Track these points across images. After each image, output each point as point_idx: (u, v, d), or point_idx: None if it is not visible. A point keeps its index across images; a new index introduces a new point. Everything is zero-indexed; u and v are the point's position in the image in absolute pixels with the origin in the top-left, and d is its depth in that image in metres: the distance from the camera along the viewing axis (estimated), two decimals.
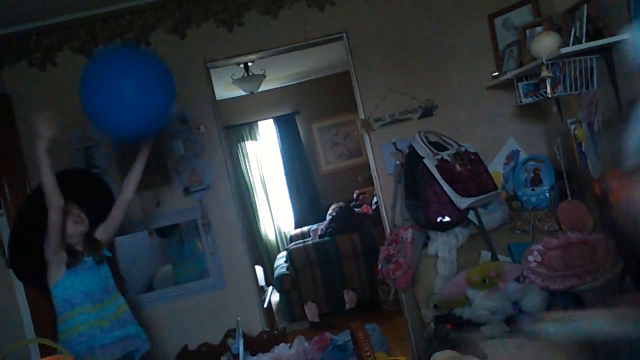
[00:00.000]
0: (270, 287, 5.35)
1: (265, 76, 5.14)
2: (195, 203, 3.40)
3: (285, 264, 5.36)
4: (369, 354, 1.57)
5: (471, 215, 2.88)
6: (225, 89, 5.83)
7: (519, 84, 2.96)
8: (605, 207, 2.62)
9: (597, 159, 2.58)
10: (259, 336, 3.33)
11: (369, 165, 3.60)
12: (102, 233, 2.60)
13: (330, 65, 6.23)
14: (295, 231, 7.04)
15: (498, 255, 2.79)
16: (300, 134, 7.32)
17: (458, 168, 2.80)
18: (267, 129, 7.35)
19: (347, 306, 5.01)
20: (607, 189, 2.55)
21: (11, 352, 2.49)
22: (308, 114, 7.33)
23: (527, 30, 2.95)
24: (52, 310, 2.43)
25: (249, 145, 7.28)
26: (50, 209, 2.25)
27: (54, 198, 2.25)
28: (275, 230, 7.42)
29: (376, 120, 3.43)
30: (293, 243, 6.08)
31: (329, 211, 6.61)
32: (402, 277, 2.89)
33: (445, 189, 2.74)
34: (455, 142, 2.99)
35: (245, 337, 3.08)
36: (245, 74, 4.94)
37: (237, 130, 7.16)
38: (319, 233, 5.79)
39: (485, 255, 2.84)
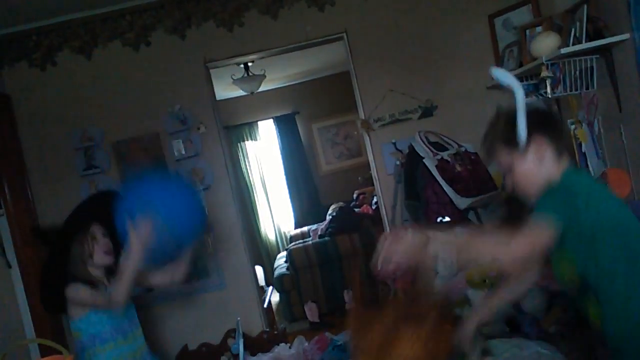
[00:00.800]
0: (270, 287, 5.35)
1: (265, 76, 5.13)
2: None
3: (285, 264, 5.35)
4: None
5: (471, 216, 2.88)
6: (225, 89, 5.82)
7: None
8: None
9: (597, 159, 2.58)
10: (259, 336, 3.33)
11: (369, 165, 3.61)
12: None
13: (330, 65, 6.23)
14: (295, 231, 7.03)
15: None
16: (300, 134, 7.31)
17: (458, 168, 2.80)
18: (267, 129, 7.34)
19: (347, 306, 5.00)
20: None
21: (11, 352, 2.49)
22: (308, 114, 7.32)
23: (527, 30, 2.95)
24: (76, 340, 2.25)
25: (249, 145, 7.28)
26: (113, 293, 2.08)
27: (122, 294, 2.06)
28: (275, 230, 7.42)
29: (376, 120, 3.43)
30: (293, 243, 6.07)
31: (329, 211, 6.60)
32: (402, 278, 2.89)
33: (445, 189, 2.74)
34: (455, 142, 2.99)
35: (245, 337, 3.08)
36: (245, 74, 4.94)
37: (237, 130, 7.16)
38: (319, 233, 5.78)
39: None
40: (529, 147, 1.41)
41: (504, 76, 1.58)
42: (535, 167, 1.42)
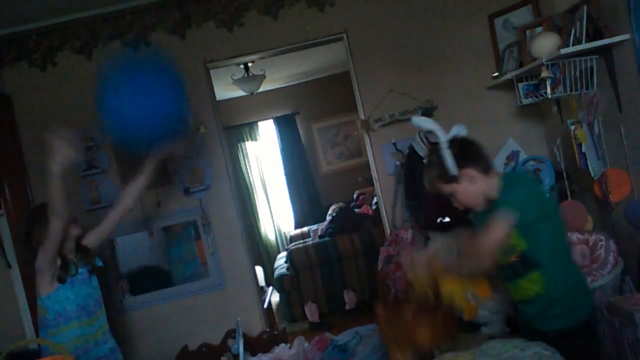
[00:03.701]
0: (270, 288, 5.34)
1: (265, 76, 5.14)
2: (195, 203, 3.40)
3: (286, 265, 5.36)
4: None
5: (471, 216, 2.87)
6: (225, 89, 5.82)
7: (519, 84, 2.96)
8: (605, 207, 2.62)
9: (598, 159, 2.58)
10: (259, 336, 3.33)
11: (369, 165, 3.60)
12: (92, 240, 2.44)
13: (330, 65, 6.23)
14: (295, 231, 7.03)
15: None
16: (300, 134, 7.31)
17: None
18: (267, 129, 7.34)
19: (347, 306, 5.01)
20: (607, 189, 2.56)
21: (11, 352, 2.49)
22: (308, 114, 7.32)
23: (527, 31, 2.95)
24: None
25: (249, 145, 7.28)
26: (55, 219, 2.13)
27: (62, 211, 2.14)
28: (275, 231, 7.42)
29: (376, 120, 3.43)
30: (293, 243, 6.08)
31: (329, 211, 6.60)
32: (402, 278, 2.89)
33: None
34: None
35: (245, 337, 3.08)
36: (245, 74, 4.94)
37: (237, 130, 7.16)
38: (319, 233, 5.78)
39: None
40: (461, 176, 1.76)
41: (424, 122, 2.01)
42: (471, 188, 1.78)
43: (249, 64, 4.75)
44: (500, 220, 1.64)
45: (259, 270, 5.37)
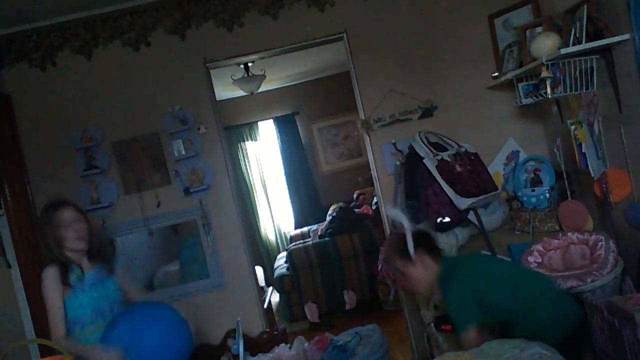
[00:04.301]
0: (270, 288, 5.35)
1: (265, 76, 5.13)
2: (195, 203, 3.40)
3: (285, 265, 5.36)
4: None
5: (471, 216, 2.87)
6: (225, 89, 5.82)
7: (519, 84, 2.96)
8: (605, 207, 2.62)
9: (598, 159, 2.58)
10: (259, 336, 3.33)
11: (369, 165, 3.60)
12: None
13: (330, 65, 6.23)
14: (295, 231, 7.03)
15: (498, 256, 2.78)
16: (300, 134, 7.32)
17: (458, 168, 2.79)
18: (267, 129, 7.35)
19: (347, 306, 5.01)
20: (607, 189, 2.56)
21: (11, 352, 2.49)
22: (308, 114, 7.32)
23: (527, 31, 2.95)
24: None
25: (249, 145, 7.28)
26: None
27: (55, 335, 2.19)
28: (275, 231, 7.42)
29: (376, 120, 3.43)
30: (293, 243, 6.08)
31: (329, 211, 6.60)
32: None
33: (445, 189, 2.73)
34: (455, 142, 2.98)
35: (245, 337, 3.07)
36: (245, 74, 4.94)
37: (237, 130, 7.16)
38: (319, 233, 5.79)
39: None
40: (416, 258, 2.01)
41: (394, 214, 2.17)
42: (422, 271, 2.03)
43: (249, 64, 4.75)
44: (463, 334, 1.88)
45: (259, 270, 5.36)
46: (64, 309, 2.23)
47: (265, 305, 3.90)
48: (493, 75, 3.33)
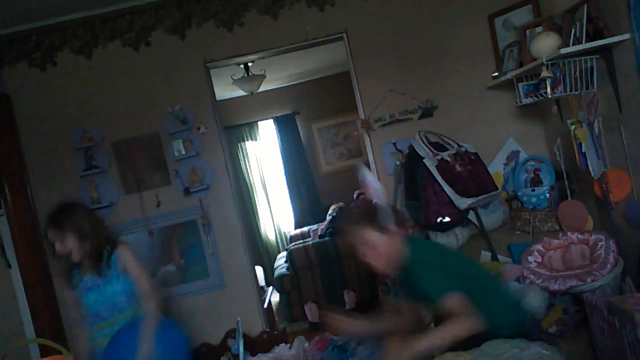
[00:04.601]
0: (270, 287, 5.35)
1: (265, 76, 5.13)
2: (195, 203, 3.40)
3: (285, 264, 5.35)
4: None
5: (471, 216, 2.87)
6: (225, 89, 5.82)
7: (519, 84, 2.96)
8: (605, 207, 2.62)
9: (598, 159, 2.58)
10: (259, 336, 3.34)
11: (369, 165, 3.60)
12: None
13: (330, 65, 6.23)
14: (295, 231, 7.03)
15: (498, 256, 2.78)
16: (300, 134, 7.31)
17: (458, 168, 2.79)
18: (267, 129, 7.34)
19: (347, 306, 5.00)
20: (607, 189, 2.56)
21: (11, 352, 2.49)
22: (308, 114, 7.32)
23: (527, 31, 2.95)
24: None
25: (249, 145, 7.28)
26: None
27: None
28: (275, 231, 7.42)
29: (376, 120, 3.43)
30: (293, 243, 6.07)
31: (329, 211, 6.60)
32: None
33: (445, 189, 2.73)
34: (455, 142, 2.98)
35: (245, 337, 3.08)
36: (245, 74, 4.94)
37: (237, 130, 7.16)
38: (319, 233, 5.78)
39: (485, 255, 2.84)
40: (392, 232, 1.85)
41: (374, 183, 1.97)
42: (391, 247, 1.85)
43: (249, 64, 4.75)
44: (449, 301, 1.75)
45: (259, 270, 5.36)
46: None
47: (265, 305, 3.90)
48: (493, 75, 3.33)
